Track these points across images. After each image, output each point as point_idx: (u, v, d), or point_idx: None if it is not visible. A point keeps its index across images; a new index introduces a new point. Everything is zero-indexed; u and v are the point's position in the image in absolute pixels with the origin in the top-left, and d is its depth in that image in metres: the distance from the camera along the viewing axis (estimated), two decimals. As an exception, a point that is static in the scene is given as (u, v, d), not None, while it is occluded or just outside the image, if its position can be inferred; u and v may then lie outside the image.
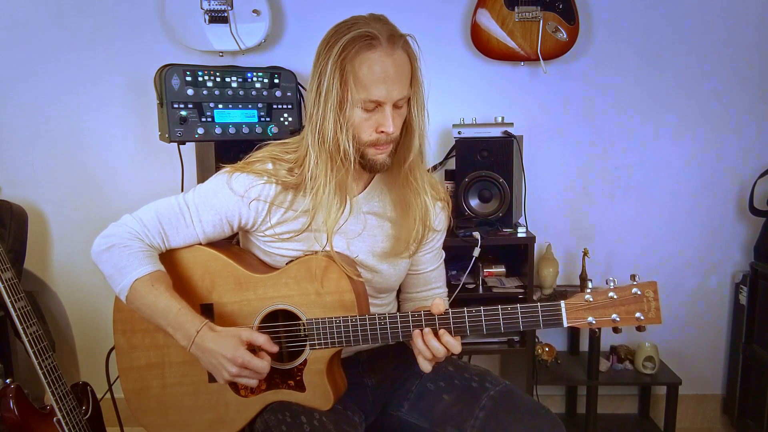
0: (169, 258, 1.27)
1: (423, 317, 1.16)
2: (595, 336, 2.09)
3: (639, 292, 1.10)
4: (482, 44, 2.16)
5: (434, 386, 1.32)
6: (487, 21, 2.13)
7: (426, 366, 1.17)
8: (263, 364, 1.15)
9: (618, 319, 1.10)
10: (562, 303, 1.11)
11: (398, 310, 1.48)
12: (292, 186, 1.24)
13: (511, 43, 2.14)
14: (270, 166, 1.25)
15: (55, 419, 1.75)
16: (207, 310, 1.25)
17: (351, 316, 1.19)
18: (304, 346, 1.23)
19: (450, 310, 1.15)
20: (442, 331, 1.14)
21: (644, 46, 2.25)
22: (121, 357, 1.30)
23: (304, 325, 1.22)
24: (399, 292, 1.48)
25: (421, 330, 1.15)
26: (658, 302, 1.09)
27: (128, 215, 1.27)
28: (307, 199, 1.22)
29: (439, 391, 1.31)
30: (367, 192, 1.32)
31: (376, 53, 1.13)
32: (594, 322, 1.11)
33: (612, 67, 2.26)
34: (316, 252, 1.25)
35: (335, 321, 1.19)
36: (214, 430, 1.27)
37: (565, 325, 1.11)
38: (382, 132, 1.18)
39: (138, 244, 1.23)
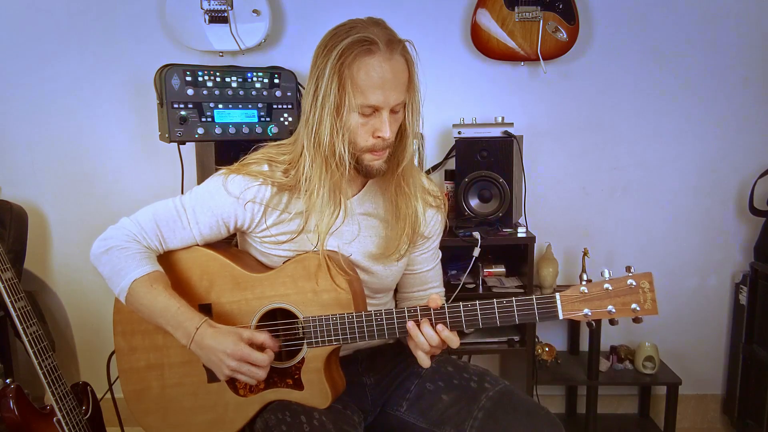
0: (167, 259, 1.28)
1: (419, 310, 1.16)
2: (592, 329, 2.08)
3: (634, 284, 1.09)
4: (482, 44, 2.16)
5: (433, 386, 1.32)
6: (487, 21, 2.13)
7: (425, 360, 1.17)
8: (263, 357, 1.16)
9: (614, 310, 1.10)
10: (557, 295, 1.12)
11: (396, 309, 1.48)
12: (288, 188, 1.24)
13: (511, 43, 2.14)
14: (266, 167, 1.25)
15: (55, 419, 1.75)
16: (205, 310, 1.25)
17: (348, 313, 1.20)
18: (302, 344, 1.23)
19: (446, 304, 1.16)
20: (440, 327, 1.14)
21: (644, 46, 2.25)
22: (121, 358, 1.30)
23: (301, 323, 1.22)
24: (396, 291, 1.48)
25: (417, 321, 1.16)
26: (654, 293, 1.09)
27: (126, 218, 1.28)
28: (302, 201, 1.23)
29: (438, 391, 1.31)
30: (361, 195, 1.32)
31: (374, 58, 1.13)
32: (590, 313, 1.10)
33: (612, 67, 2.26)
34: (312, 251, 1.25)
35: (332, 318, 1.20)
36: (214, 431, 1.27)
37: (561, 317, 1.11)
38: (379, 137, 1.18)
39: (136, 246, 1.24)
